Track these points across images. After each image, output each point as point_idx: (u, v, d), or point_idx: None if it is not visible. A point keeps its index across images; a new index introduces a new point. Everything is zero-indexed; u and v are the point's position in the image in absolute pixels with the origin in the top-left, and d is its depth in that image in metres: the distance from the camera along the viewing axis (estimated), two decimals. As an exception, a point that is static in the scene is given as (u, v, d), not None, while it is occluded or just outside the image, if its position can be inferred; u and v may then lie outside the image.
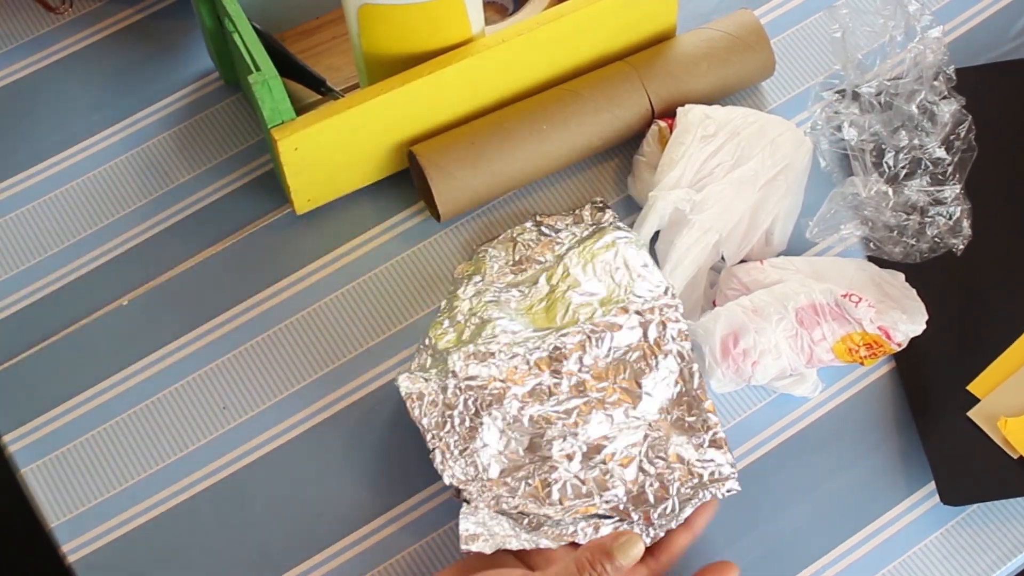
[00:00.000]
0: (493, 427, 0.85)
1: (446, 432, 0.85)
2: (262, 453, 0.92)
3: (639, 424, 0.86)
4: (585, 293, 0.89)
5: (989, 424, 0.91)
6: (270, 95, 0.91)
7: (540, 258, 0.94)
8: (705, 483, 0.84)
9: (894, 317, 0.90)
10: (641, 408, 0.86)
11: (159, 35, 1.07)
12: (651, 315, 0.87)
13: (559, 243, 0.94)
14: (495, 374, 0.86)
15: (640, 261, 0.90)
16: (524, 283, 0.92)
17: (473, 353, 0.86)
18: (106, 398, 0.94)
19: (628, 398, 0.86)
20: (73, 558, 0.89)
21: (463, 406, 0.85)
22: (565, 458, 0.85)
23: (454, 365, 0.86)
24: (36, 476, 0.91)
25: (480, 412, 0.85)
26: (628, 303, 0.87)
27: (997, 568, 0.88)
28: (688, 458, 0.85)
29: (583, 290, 0.89)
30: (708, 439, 0.86)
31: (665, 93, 0.99)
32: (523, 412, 0.86)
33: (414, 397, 0.86)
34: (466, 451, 0.85)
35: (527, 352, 0.86)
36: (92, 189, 1.01)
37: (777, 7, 1.08)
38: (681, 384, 0.87)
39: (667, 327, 0.87)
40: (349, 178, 0.98)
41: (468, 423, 0.85)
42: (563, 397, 0.86)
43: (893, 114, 0.98)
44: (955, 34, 1.06)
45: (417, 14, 0.92)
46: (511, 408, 0.85)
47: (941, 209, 0.95)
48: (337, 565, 0.89)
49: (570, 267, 0.91)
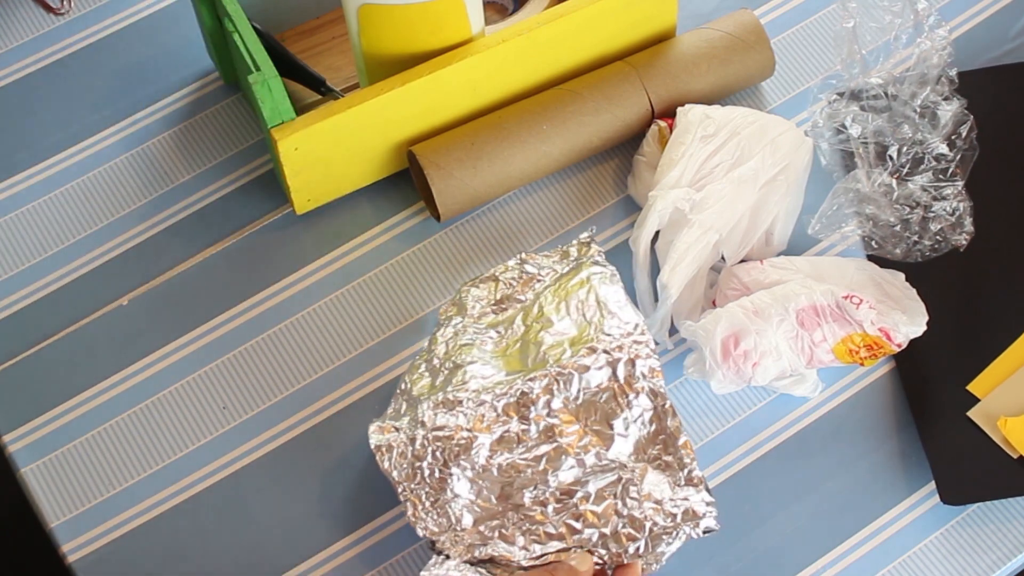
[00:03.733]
0: (462, 477, 0.83)
1: (416, 484, 0.84)
2: (262, 453, 0.92)
3: (612, 466, 0.84)
4: (556, 333, 0.87)
5: (989, 424, 0.91)
6: (270, 95, 0.91)
7: (521, 297, 0.92)
8: (679, 523, 0.82)
9: (895, 318, 0.90)
10: (614, 450, 0.84)
11: (159, 35, 1.07)
12: (619, 353, 0.85)
13: (540, 280, 0.92)
14: (462, 423, 0.84)
15: (614, 298, 0.87)
16: (503, 323, 0.90)
17: (442, 401, 0.85)
18: (106, 398, 0.94)
19: (600, 440, 0.84)
20: (73, 558, 0.89)
21: (431, 457, 0.84)
22: (538, 504, 0.83)
23: (423, 415, 0.85)
24: (36, 476, 0.91)
25: (448, 463, 0.84)
26: (596, 342, 0.85)
27: (997, 568, 0.88)
28: (662, 498, 0.83)
29: (555, 330, 0.87)
30: (684, 477, 0.84)
31: (665, 93, 0.99)
32: (492, 461, 0.84)
33: (383, 450, 0.85)
34: (437, 502, 0.83)
35: (494, 399, 0.84)
36: (92, 189, 1.01)
37: (777, 7, 1.08)
38: (656, 422, 0.85)
39: (636, 365, 0.84)
40: (349, 178, 0.98)
41: (437, 474, 0.84)
42: (532, 443, 0.84)
43: (894, 113, 0.98)
44: (955, 34, 1.06)
45: (417, 14, 0.92)
46: (479, 457, 0.84)
47: (944, 204, 0.95)
48: (337, 565, 0.89)
49: (544, 306, 0.89)
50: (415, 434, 0.84)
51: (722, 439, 0.92)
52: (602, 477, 0.83)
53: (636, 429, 0.85)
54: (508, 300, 0.91)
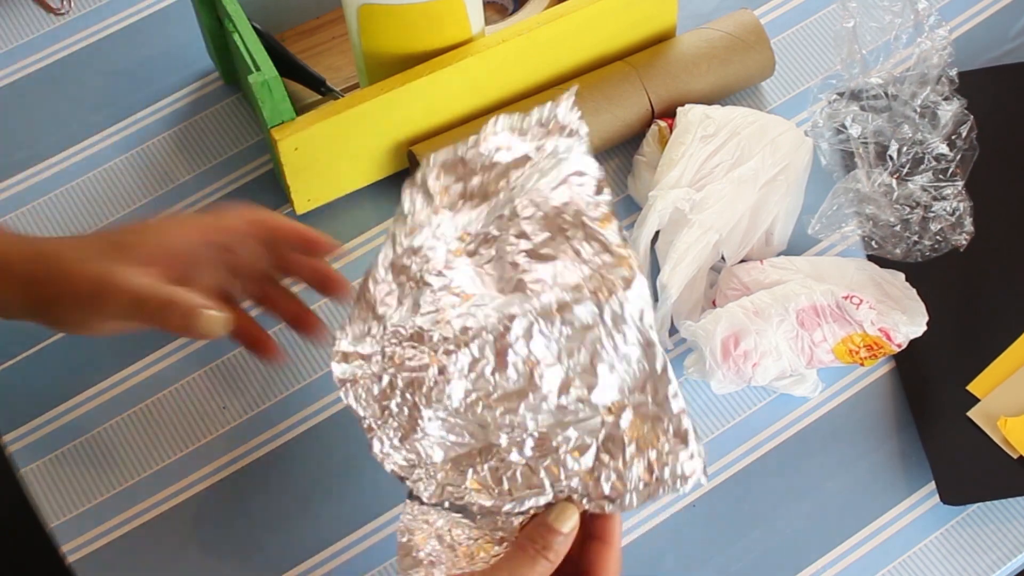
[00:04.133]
0: (435, 418, 0.79)
1: (382, 420, 0.79)
2: (262, 453, 0.92)
3: (595, 411, 0.77)
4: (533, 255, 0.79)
5: (989, 424, 0.91)
6: (270, 95, 0.91)
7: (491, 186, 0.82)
8: (666, 480, 0.76)
9: (895, 319, 0.90)
10: (597, 394, 0.77)
11: (159, 35, 1.07)
12: (603, 292, 0.77)
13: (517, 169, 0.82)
14: (432, 361, 0.79)
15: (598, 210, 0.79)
16: (474, 222, 0.82)
17: (410, 336, 0.79)
18: (106, 398, 0.94)
19: (583, 383, 0.77)
20: (73, 558, 0.89)
21: (400, 397, 0.79)
22: (515, 446, 0.78)
23: (390, 349, 0.79)
24: (36, 476, 0.91)
25: (419, 405, 0.79)
26: (578, 279, 0.78)
27: (997, 568, 0.88)
28: (648, 450, 0.76)
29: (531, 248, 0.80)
30: (672, 428, 0.76)
31: (665, 93, 0.99)
32: (465, 402, 0.78)
33: (348, 384, 0.80)
34: (407, 439, 0.79)
35: (470, 335, 0.78)
36: (92, 189, 1.01)
37: (777, 7, 1.08)
38: (645, 366, 0.77)
39: (624, 307, 0.76)
40: (349, 178, 0.98)
41: (407, 413, 0.79)
42: (510, 385, 0.78)
43: (894, 113, 0.98)
44: (955, 34, 1.06)
45: (417, 14, 0.92)
46: (452, 400, 0.79)
47: (944, 204, 0.95)
48: (337, 565, 0.89)
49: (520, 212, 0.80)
50: (383, 370, 0.80)
51: (722, 439, 0.92)
52: (585, 421, 0.78)
53: (621, 373, 0.77)
54: (479, 190, 0.83)
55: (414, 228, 0.82)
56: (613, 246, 0.78)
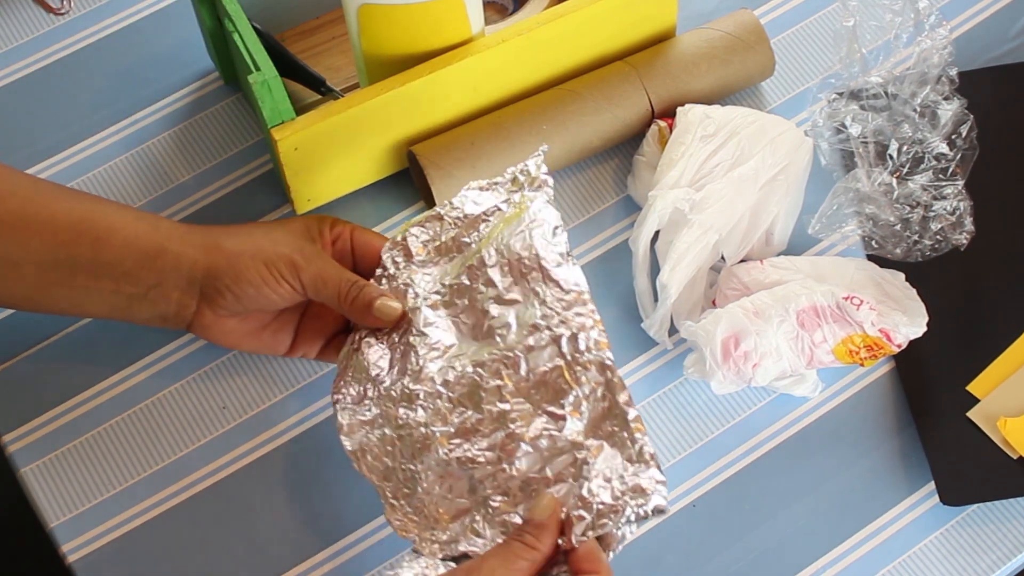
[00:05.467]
0: (430, 473, 0.82)
1: (390, 483, 0.84)
2: (262, 453, 0.92)
3: (566, 447, 0.80)
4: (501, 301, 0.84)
5: (989, 424, 0.91)
6: (270, 95, 0.91)
7: (466, 238, 0.88)
8: (626, 501, 0.77)
9: (895, 319, 0.90)
10: (568, 429, 0.80)
11: (159, 35, 1.07)
12: (562, 328, 0.81)
13: (485, 221, 0.88)
14: (420, 418, 0.83)
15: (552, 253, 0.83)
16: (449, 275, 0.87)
17: (399, 397, 0.84)
18: (106, 398, 0.94)
19: (552, 421, 0.80)
20: (73, 558, 0.89)
21: (400, 455, 0.84)
22: (500, 495, 0.81)
23: (385, 410, 0.85)
24: (36, 476, 0.91)
25: (414, 458, 0.83)
26: (538, 318, 0.82)
27: (997, 568, 0.88)
28: (611, 476, 0.78)
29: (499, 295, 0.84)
30: (635, 454, 0.78)
31: (665, 93, 0.99)
32: (451, 455, 0.82)
33: (358, 455, 0.85)
34: (412, 500, 0.83)
35: (448, 388, 0.83)
36: (92, 189, 1.01)
37: (777, 7, 1.08)
38: (609, 397, 0.79)
39: (578, 339, 0.80)
40: (349, 178, 0.98)
41: (404, 474, 0.83)
42: (487, 433, 0.81)
43: (894, 113, 0.98)
44: (956, 33, 1.06)
45: (417, 14, 0.92)
46: (440, 452, 0.82)
47: (944, 204, 0.95)
48: (338, 565, 0.89)
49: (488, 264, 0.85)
50: (383, 432, 0.85)
51: (722, 439, 0.92)
52: (559, 461, 0.80)
53: (587, 406, 0.80)
54: (454, 243, 0.88)
55: (397, 292, 0.88)
56: (569, 284, 0.82)
